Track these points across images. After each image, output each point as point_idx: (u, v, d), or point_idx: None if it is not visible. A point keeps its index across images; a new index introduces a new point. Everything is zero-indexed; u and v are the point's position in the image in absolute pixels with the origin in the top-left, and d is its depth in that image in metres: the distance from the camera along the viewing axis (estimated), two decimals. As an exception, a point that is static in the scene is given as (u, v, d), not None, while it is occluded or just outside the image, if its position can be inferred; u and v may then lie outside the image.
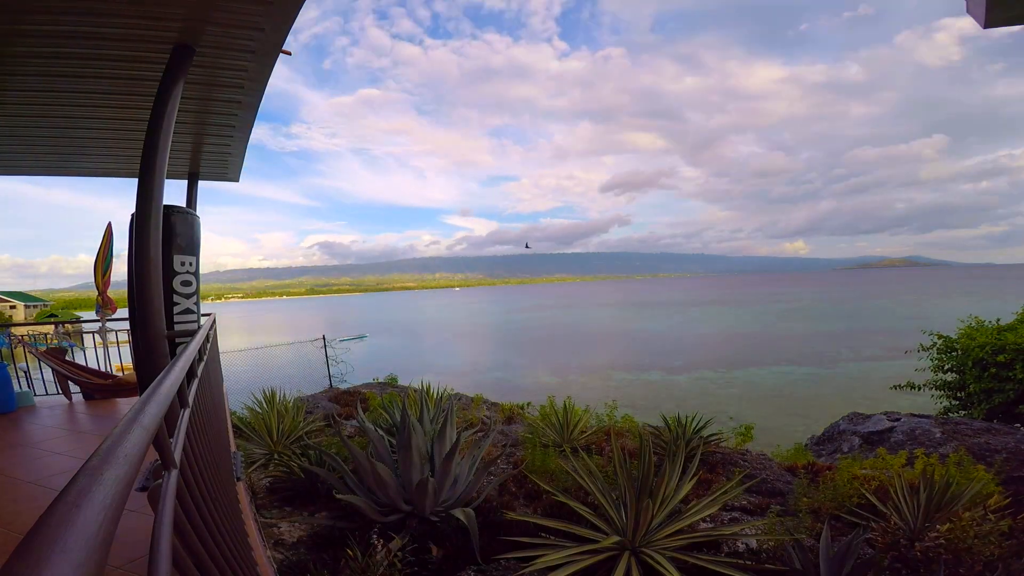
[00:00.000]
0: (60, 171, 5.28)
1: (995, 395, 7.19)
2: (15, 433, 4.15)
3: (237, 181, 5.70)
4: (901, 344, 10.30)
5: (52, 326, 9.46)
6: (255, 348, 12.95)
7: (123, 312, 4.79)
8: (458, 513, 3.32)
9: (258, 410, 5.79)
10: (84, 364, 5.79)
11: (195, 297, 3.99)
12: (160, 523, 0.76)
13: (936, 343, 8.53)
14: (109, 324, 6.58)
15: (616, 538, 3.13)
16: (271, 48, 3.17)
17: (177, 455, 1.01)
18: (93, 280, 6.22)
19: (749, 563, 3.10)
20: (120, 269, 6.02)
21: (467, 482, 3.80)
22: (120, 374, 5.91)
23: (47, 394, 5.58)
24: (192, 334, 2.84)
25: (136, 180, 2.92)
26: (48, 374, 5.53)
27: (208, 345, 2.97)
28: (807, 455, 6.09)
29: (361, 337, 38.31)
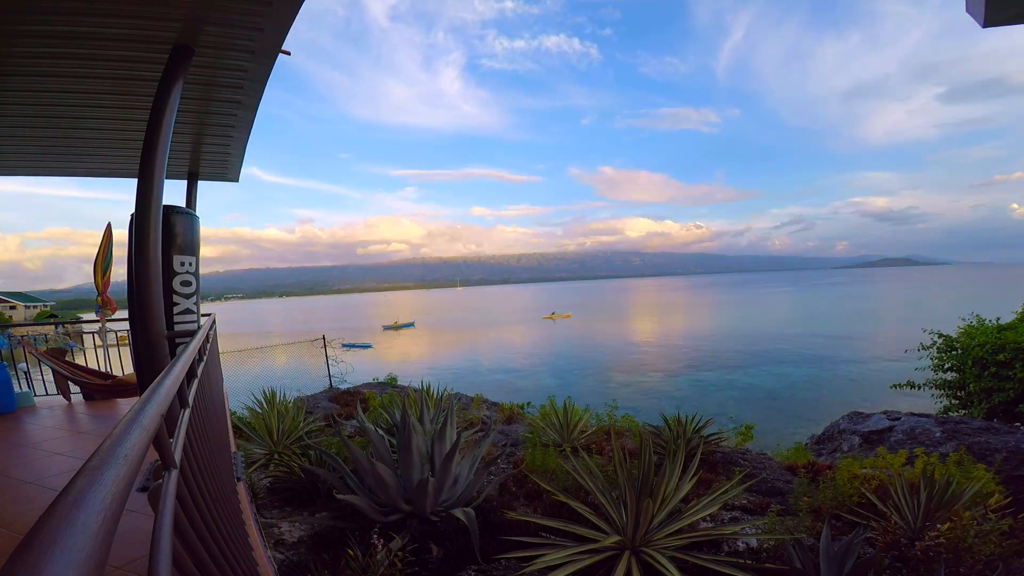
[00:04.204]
0: (60, 171, 5.27)
1: (995, 394, 7.19)
2: (15, 433, 4.15)
3: (236, 181, 5.69)
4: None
5: (52, 326, 9.46)
6: (257, 348, 12.95)
7: (123, 312, 4.79)
8: (458, 513, 3.31)
9: (258, 410, 5.79)
10: (84, 364, 5.79)
11: (195, 297, 3.99)
12: (160, 523, 0.76)
13: (936, 342, 8.54)
14: (109, 324, 6.58)
15: (616, 538, 3.13)
16: (271, 48, 3.17)
17: (177, 455, 1.01)
18: (92, 281, 6.21)
19: (749, 562, 3.10)
20: (120, 269, 6.02)
21: (467, 482, 3.80)
22: (120, 374, 5.90)
23: (47, 395, 5.58)
24: (192, 334, 2.84)
25: (136, 180, 2.92)
26: (48, 375, 5.53)
27: (208, 345, 2.97)
28: (807, 454, 6.09)
29: (364, 346, 37.39)
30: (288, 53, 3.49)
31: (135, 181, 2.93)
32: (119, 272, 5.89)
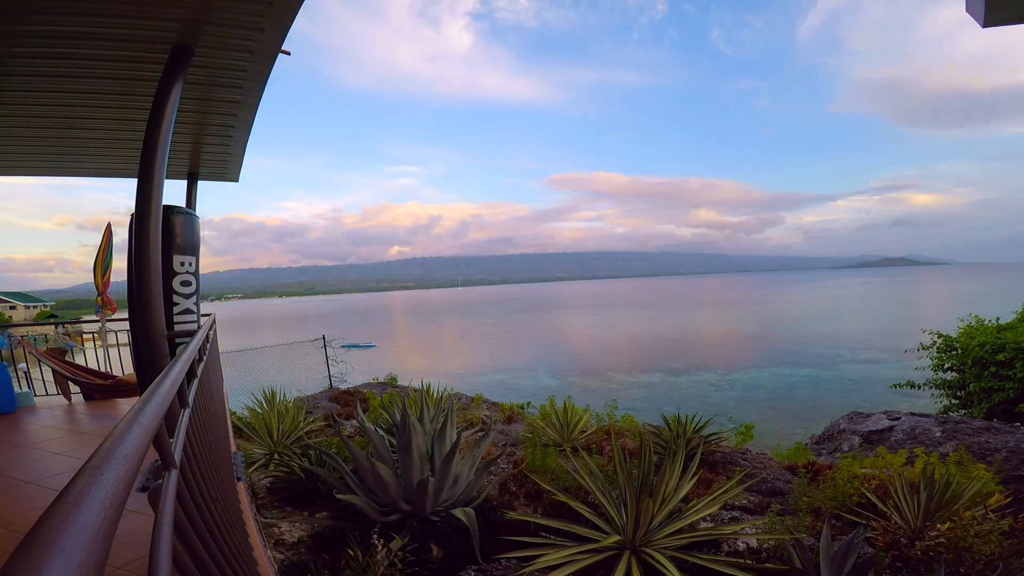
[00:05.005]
0: (60, 171, 5.27)
1: (995, 394, 7.19)
2: (15, 434, 4.15)
3: (236, 181, 5.69)
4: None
5: (52, 326, 9.46)
6: (255, 348, 12.94)
7: (123, 312, 4.79)
8: (458, 513, 3.32)
9: (258, 410, 5.79)
10: (84, 364, 5.80)
11: (195, 297, 3.99)
12: (160, 523, 0.76)
13: (936, 342, 8.54)
14: (109, 324, 6.58)
15: (616, 537, 3.13)
16: (271, 48, 3.17)
17: (177, 455, 1.01)
18: (92, 281, 6.21)
19: (749, 562, 3.10)
20: (120, 269, 6.03)
21: (467, 482, 3.80)
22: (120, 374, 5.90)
23: (47, 395, 5.58)
24: (192, 334, 2.84)
25: (136, 180, 2.92)
26: (48, 375, 5.54)
27: (208, 345, 2.97)
28: (807, 454, 6.09)
29: (367, 346, 37.13)
30: (288, 53, 3.49)
31: (135, 181, 2.93)
32: (119, 272, 5.90)
